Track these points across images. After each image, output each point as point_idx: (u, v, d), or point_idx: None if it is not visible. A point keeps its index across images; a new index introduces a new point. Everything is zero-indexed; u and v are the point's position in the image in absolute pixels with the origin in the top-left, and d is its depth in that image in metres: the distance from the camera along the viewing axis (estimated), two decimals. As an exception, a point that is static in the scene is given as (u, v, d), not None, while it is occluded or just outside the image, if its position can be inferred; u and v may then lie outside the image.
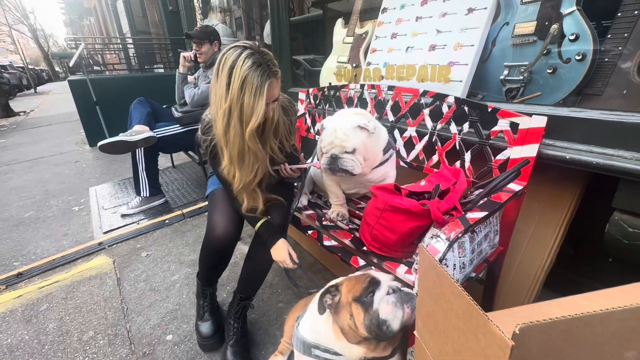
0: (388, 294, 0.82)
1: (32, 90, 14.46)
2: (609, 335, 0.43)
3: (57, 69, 24.48)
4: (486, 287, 1.25)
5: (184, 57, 2.41)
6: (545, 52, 1.13)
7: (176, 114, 2.37)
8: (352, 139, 1.12)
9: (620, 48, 1.01)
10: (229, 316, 1.28)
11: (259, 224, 1.19)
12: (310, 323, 0.96)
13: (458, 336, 0.50)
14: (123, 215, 2.39)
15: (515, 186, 1.00)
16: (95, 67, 5.20)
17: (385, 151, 1.24)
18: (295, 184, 1.49)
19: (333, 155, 1.14)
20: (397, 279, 0.93)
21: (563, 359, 0.43)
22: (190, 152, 2.91)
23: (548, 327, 0.40)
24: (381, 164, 1.25)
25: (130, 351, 1.33)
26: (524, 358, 0.42)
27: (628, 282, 0.56)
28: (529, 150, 1.00)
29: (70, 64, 3.75)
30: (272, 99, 1.06)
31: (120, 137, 2.06)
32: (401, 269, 1.01)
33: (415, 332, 0.68)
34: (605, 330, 0.42)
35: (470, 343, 0.47)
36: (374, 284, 0.84)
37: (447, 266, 0.89)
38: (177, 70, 2.50)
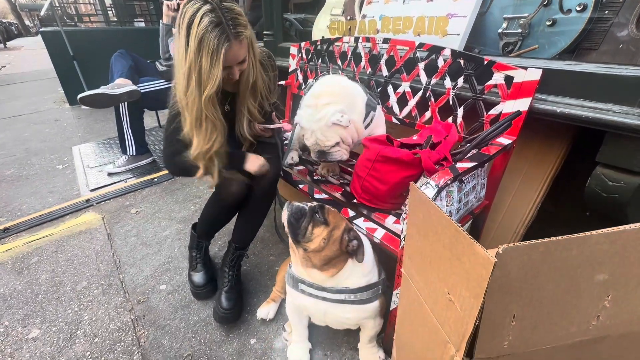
0: None
1: (2, 45, 13.43)
2: (584, 258, 0.45)
3: (27, 22, 22.62)
4: (469, 240, 1.31)
5: (167, 6, 2.24)
6: (545, 2, 1.10)
7: (160, 68, 2.24)
8: (331, 137, 1.14)
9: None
10: (224, 264, 1.32)
11: (221, 167, 1.10)
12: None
13: (443, 264, 0.52)
14: (110, 174, 2.35)
15: (504, 140, 1.01)
16: (69, 22, 4.82)
17: (365, 116, 1.22)
18: (286, 141, 1.47)
19: (320, 151, 1.19)
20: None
21: (538, 280, 0.46)
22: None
23: (528, 248, 0.43)
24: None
25: (124, 299, 1.36)
26: (504, 279, 0.45)
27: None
28: (522, 104, 1.00)
29: (41, 14, 3.47)
30: (234, 62, 1.00)
31: (102, 89, 1.95)
32: (390, 220, 1.04)
33: (402, 270, 0.71)
34: (581, 253, 0.45)
35: (455, 268, 0.49)
36: None
37: (435, 214, 0.92)
38: (160, 20, 2.33)
